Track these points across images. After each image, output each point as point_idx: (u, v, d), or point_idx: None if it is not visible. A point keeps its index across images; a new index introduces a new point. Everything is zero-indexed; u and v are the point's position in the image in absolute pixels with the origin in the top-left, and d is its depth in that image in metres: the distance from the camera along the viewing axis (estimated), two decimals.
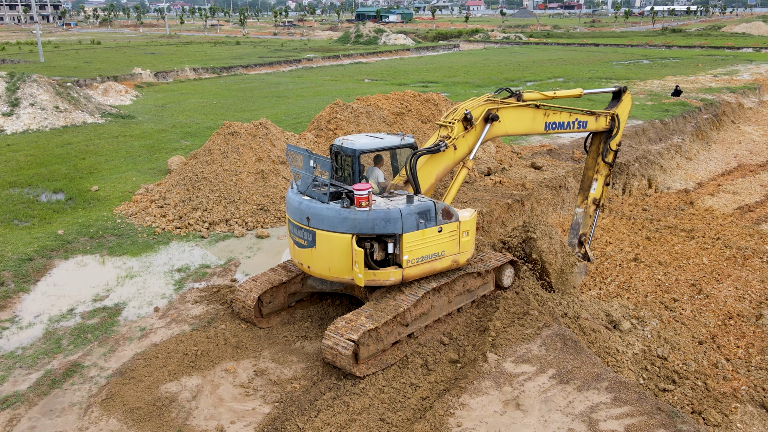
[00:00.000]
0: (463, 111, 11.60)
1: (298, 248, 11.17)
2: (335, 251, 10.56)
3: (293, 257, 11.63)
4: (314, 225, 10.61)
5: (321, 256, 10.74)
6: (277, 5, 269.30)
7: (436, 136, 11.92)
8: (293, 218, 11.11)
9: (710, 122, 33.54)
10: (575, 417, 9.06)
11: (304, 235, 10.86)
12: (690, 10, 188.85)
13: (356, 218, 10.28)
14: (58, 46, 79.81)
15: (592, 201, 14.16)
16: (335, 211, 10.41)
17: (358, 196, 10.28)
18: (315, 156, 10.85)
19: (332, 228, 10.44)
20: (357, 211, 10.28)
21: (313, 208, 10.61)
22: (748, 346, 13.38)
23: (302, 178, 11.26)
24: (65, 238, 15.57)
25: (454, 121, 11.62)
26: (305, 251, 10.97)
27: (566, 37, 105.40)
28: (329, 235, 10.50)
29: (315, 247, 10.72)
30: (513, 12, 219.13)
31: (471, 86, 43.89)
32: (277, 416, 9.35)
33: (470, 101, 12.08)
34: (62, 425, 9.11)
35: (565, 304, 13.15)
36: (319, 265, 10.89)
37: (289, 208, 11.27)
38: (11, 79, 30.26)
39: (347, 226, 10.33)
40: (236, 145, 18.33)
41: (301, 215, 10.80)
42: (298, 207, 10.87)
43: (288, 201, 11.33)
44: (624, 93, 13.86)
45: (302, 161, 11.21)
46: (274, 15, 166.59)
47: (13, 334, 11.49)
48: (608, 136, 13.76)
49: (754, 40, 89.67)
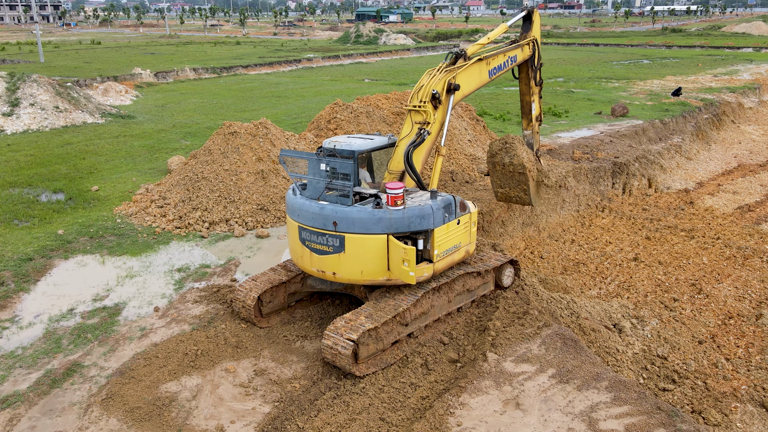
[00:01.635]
0: (431, 90, 11.30)
1: (318, 256, 10.71)
2: (369, 253, 10.38)
3: (307, 266, 11.11)
4: (343, 229, 10.29)
5: (351, 260, 10.46)
6: (277, 5, 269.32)
7: (409, 122, 11.51)
8: (310, 225, 10.63)
9: (710, 122, 33.53)
10: (575, 416, 9.07)
11: (327, 240, 10.47)
12: (690, 10, 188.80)
13: (392, 217, 10.26)
14: (58, 46, 79.82)
15: (536, 119, 15.05)
16: (368, 212, 10.23)
17: (394, 195, 10.30)
18: (329, 159, 10.53)
19: (365, 230, 10.27)
20: (392, 211, 10.26)
21: (342, 212, 10.27)
22: (748, 345, 13.38)
23: (310, 183, 10.81)
24: (65, 238, 15.58)
25: (423, 103, 11.33)
26: (329, 258, 10.59)
27: (566, 37, 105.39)
28: (362, 237, 10.29)
29: (344, 252, 10.42)
30: (513, 12, 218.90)
31: None
32: (277, 416, 9.35)
33: (427, 78, 11.59)
34: (62, 425, 9.11)
35: (565, 304, 13.15)
36: (348, 270, 10.56)
37: (301, 215, 10.75)
38: (11, 79, 30.27)
39: (382, 226, 10.27)
40: (236, 145, 18.33)
41: (325, 220, 10.39)
42: (320, 212, 10.44)
43: (298, 207, 10.80)
44: (533, 14, 14.17)
45: (308, 165, 10.84)
46: (274, 15, 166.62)
47: (14, 334, 11.50)
48: (532, 61, 14.34)
49: (754, 39, 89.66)
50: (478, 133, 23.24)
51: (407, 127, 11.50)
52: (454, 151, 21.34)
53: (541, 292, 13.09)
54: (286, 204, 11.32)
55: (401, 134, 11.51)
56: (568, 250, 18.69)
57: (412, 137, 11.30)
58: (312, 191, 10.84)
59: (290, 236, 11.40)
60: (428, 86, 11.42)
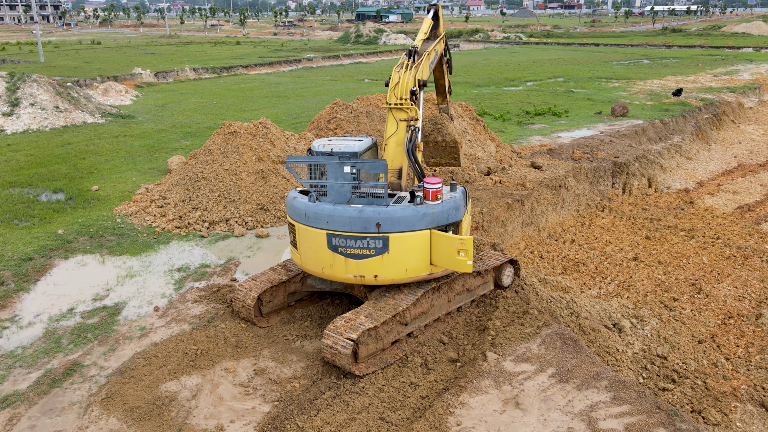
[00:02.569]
0: (409, 88, 11.44)
1: (355, 261, 10.44)
2: (412, 251, 10.41)
3: (340, 274, 10.66)
4: (387, 229, 10.20)
5: (395, 260, 10.38)
6: (277, 5, 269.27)
7: (392, 120, 11.50)
8: (346, 230, 10.30)
9: (710, 122, 33.54)
10: (575, 416, 9.07)
11: (369, 243, 10.30)
12: (690, 9, 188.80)
13: (434, 212, 10.39)
14: (58, 46, 79.83)
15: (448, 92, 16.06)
16: (412, 209, 10.27)
17: (434, 190, 10.41)
18: (354, 161, 10.30)
19: (410, 227, 10.27)
20: (433, 205, 10.39)
21: (385, 213, 10.17)
22: (748, 345, 13.38)
23: (332, 188, 10.48)
24: (65, 238, 15.58)
25: (404, 100, 11.41)
26: (370, 261, 10.40)
27: (566, 37, 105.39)
28: (406, 236, 10.27)
29: (388, 253, 10.32)
30: (513, 12, 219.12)
31: (471, 86, 43.91)
32: (276, 415, 9.35)
33: (398, 75, 11.62)
34: (62, 424, 9.12)
35: (565, 304, 13.16)
36: (392, 271, 10.48)
37: (332, 222, 10.34)
38: (11, 79, 30.28)
39: (426, 221, 10.36)
40: (236, 144, 18.34)
41: (366, 223, 10.19)
42: (359, 216, 10.20)
43: (327, 214, 10.39)
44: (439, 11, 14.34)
45: (328, 170, 10.42)
46: (274, 15, 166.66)
47: (13, 334, 11.50)
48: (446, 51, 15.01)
49: (754, 39, 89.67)
50: (478, 133, 23.24)
51: (392, 125, 11.51)
52: None
53: (541, 292, 13.10)
54: (302, 213, 10.71)
55: (387, 133, 11.51)
56: (568, 249, 18.69)
57: (401, 134, 11.36)
58: (336, 196, 10.47)
59: (311, 246, 10.77)
60: (404, 84, 11.50)
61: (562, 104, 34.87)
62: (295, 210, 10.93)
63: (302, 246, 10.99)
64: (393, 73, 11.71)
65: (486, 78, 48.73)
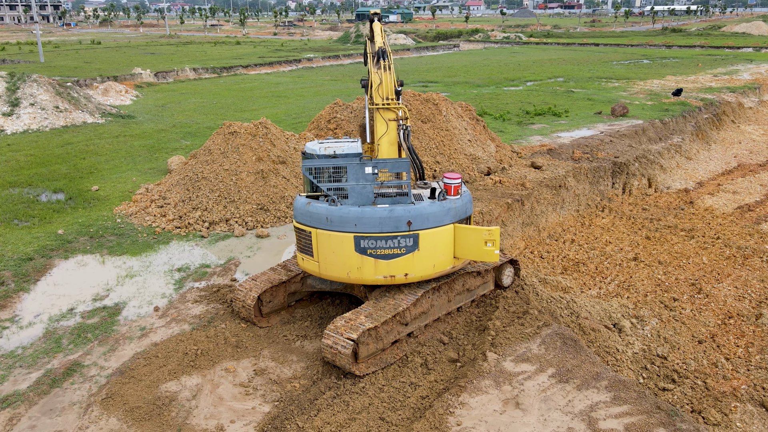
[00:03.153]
0: (393, 88, 11.68)
1: (385, 261, 10.39)
2: (440, 245, 10.61)
3: (369, 276, 10.52)
4: (418, 227, 10.30)
5: (425, 256, 10.51)
6: (277, 5, 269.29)
7: (382, 120, 11.57)
8: (377, 231, 10.25)
9: (710, 122, 33.54)
10: (575, 416, 9.07)
11: (399, 242, 10.33)
12: (690, 9, 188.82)
13: (456, 206, 10.66)
14: (58, 46, 79.83)
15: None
16: (438, 205, 10.47)
17: (456, 185, 10.68)
18: (376, 161, 10.33)
19: (438, 223, 10.47)
20: (455, 200, 10.66)
21: (415, 210, 10.26)
22: (748, 345, 13.39)
23: (353, 189, 10.37)
24: (65, 238, 15.58)
25: (391, 100, 11.62)
26: (401, 260, 10.42)
27: (566, 36, 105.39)
28: (434, 231, 10.46)
29: (418, 250, 10.41)
30: (513, 12, 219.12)
31: (471, 86, 43.90)
32: (276, 415, 9.35)
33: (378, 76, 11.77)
34: (62, 424, 9.12)
35: (565, 304, 13.16)
36: (422, 267, 10.57)
37: (361, 224, 10.18)
38: (11, 79, 30.27)
39: (451, 216, 10.61)
40: (236, 144, 18.33)
41: (397, 223, 10.21)
42: (389, 216, 10.19)
43: (355, 217, 10.20)
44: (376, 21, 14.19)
45: (348, 172, 10.32)
46: (274, 15, 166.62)
47: (14, 334, 11.50)
48: None
49: (754, 39, 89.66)
50: (478, 133, 23.24)
51: (381, 125, 11.63)
52: (454, 151, 21.33)
53: (541, 292, 13.10)
54: (322, 218, 10.41)
55: (377, 133, 11.63)
56: (568, 249, 18.70)
57: (392, 134, 11.54)
58: (359, 197, 10.40)
59: (334, 251, 10.56)
60: (387, 84, 11.72)
61: (562, 104, 34.87)
62: (312, 216, 10.56)
63: (323, 252, 10.61)
64: (372, 75, 11.89)
65: (486, 78, 48.72)
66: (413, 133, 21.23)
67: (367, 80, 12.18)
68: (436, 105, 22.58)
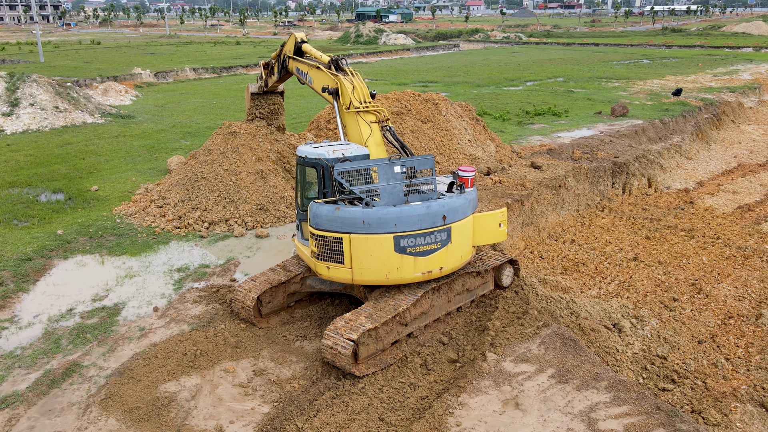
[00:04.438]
0: (367, 91, 12.01)
1: (423, 258, 10.46)
2: (465, 237, 11.08)
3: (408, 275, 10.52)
4: (450, 221, 10.64)
5: (456, 248, 10.93)
6: (277, 5, 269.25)
7: (364, 123, 11.71)
8: (416, 229, 10.25)
9: (710, 122, 33.53)
10: (574, 416, 9.06)
11: (436, 237, 10.48)
12: (690, 9, 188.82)
13: (473, 198, 11.21)
14: (58, 47, 79.81)
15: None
16: (464, 198, 10.86)
17: (471, 177, 11.15)
18: (405, 160, 10.45)
19: (464, 215, 10.91)
20: (472, 192, 11.17)
21: (448, 204, 10.60)
22: (748, 345, 13.37)
23: (384, 190, 10.30)
24: (65, 238, 15.57)
25: (368, 103, 11.86)
26: (437, 255, 10.62)
27: (566, 36, 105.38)
28: (462, 223, 10.89)
29: (450, 243, 10.76)
30: (513, 12, 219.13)
31: (471, 86, 43.89)
32: (276, 416, 9.34)
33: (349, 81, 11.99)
34: (61, 425, 9.11)
35: (565, 304, 13.15)
36: (453, 260, 10.99)
37: (401, 223, 10.15)
38: (11, 79, 30.26)
39: (471, 207, 11.10)
40: (236, 144, 18.32)
41: (434, 218, 10.37)
42: (428, 212, 10.30)
43: (395, 217, 10.15)
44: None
45: (379, 172, 10.28)
46: (274, 15, 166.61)
47: (13, 334, 11.49)
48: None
49: (754, 39, 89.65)
50: (477, 133, 23.23)
51: (365, 127, 11.74)
52: (454, 151, 21.33)
53: (541, 292, 13.09)
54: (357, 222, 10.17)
55: (363, 135, 11.72)
56: (568, 249, 18.68)
57: (377, 135, 11.74)
58: (391, 197, 10.37)
59: (372, 254, 10.31)
60: (360, 88, 12.00)
61: (562, 104, 34.86)
62: (344, 221, 10.22)
63: (359, 257, 10.36)
64: (342, 81, 12.07)
65: (486, 78, 48.71)
66: (413, 132, 21.22)
67: (331, 88, 12.30)
68: (436, 105, 22.57)
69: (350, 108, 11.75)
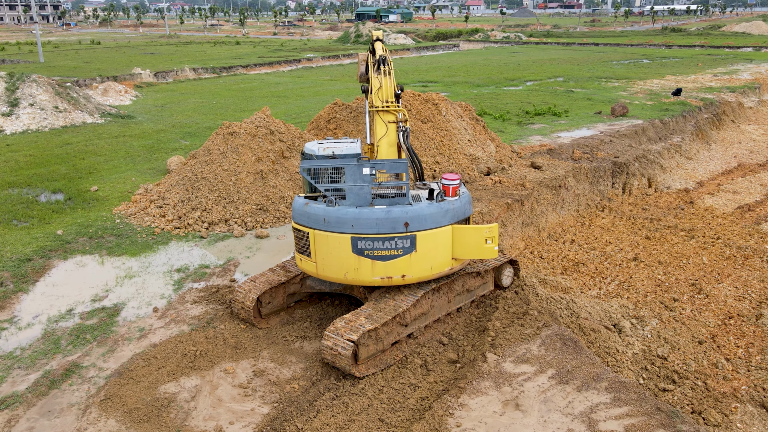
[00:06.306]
0: (393, 91, 11.79)
1: (382, 263, 10.40)
2: (439, 247, 10.60)
3: (366, 277, 10.54)
4: (415, 228, 10.28)
5: (423, 257, 10.50)
6: (277, 5, 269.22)
7: (381, 122, 11.69)
8: (374, 232, 10.25)
9: (710, 121, 33.51)
10: (575, 417, 9.04)
11: (397, 244, 10.32)
12: (690, 9, 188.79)
13: (454, 207, 10.66)
14: (57, 47, 79.79)
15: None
16: (437, 207, 10.46)
17: (454, 186, 10.69)
18: (374, 162, 10.29)
19: (436, 224, 10.46)
20: (453, 201, 10.66)
21: (413, 211, 10.25)
22: (748, 345, 13.36)
23: (351, 190, 10.37)
24: (64, 239, 15.55)
25: (390, 103, 11.74)
26: (397, 261, 10.42)
27: (566, 36, 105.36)
28: (432, 232, 10.44)
29: (415, 251, 10.40)
30: (513, 12, 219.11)
31: (471, 86, 43.87)
32: (276, 417, 9.33)
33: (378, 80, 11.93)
34: (61, 426, 9.09)
35: (565, 304, 13.13)
36: (418, 269, 10.56)
37: (358, 225, 10.19)
38: (11, 79, 30.23)
39: (449, 217, 10.60)
40: (235, 145, 18.30)
41: (394, 224, 10.21)
42: (387, 217, 10.18)
43: (352, 218, 10.21)
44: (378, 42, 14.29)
45: (346, 173, 10.33)
46: (273, 15, 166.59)
47: (12, 335, 11.47)
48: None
49: (754, 39, 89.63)
50: (477, 133, 23.21)
51: (381, 126, 11.74)
52: (454, 151, 21.31)
53: (541, 293, 13.07)
54: (319, 219, 10.40)
55: (377, 134, 11.71)
56: (568, 250, 18.67)
57: (392, 135, 11.64)
58: (356, 198, 10.40)
59: (331, 252, 10.56)
60: (387, 88, 11.86)
61: (561, 104, 34.84)
62: (309, 216, 10.58)
63: (320, 253, 10.63)
64: (372, 79, 12.03)
65: (486, 78, 48.70)
66: (413, 133, 21.21)
67: (367, 86, 12.34)
68: (436, 105, 22.55)
69: (373, 106, 11.84)
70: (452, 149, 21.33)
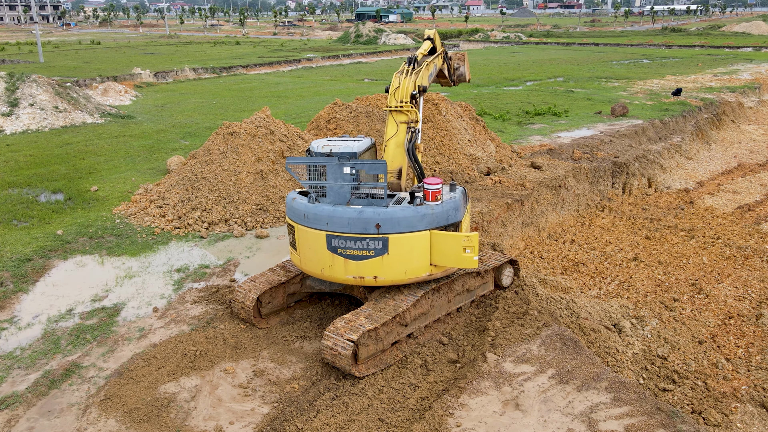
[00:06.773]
0: (410, 92, 11.72)
1: (354, 262, 10.46)
2: (414, 251, 10.45)
3: (339, 275, 10.66)
4: (387, 230, 10.23)
5: (396, 260, 10.42)
6: (277, 5, 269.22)
7: (393, 122, 11.71)
8: (346, 231, 10.31)
9: (710, 121, 33.51)
10: (575, 417, 9.04)
11: (368, 245, 10.31)
12: (690, 9, 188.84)
13: (434, 212, 10.45)
14: (57, 47, 79.79)
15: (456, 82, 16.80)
16: (412, 210, 10.32)
17: (434, 191, 10.47)
18: (354, 162, 10.29)
19: (410, 228, 10.31)
20: (433, 206, 10.45)
21: (385, 213, 10.19)
22: (748, 345, 13.36)
23: (331, 188, 10.47)
24: (64, 239, 15.55)
25: (404, 103, 11.68)
26: (370, 262, 10.41)
27: (566, 36, 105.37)
28: (406, 236, 10.31)
29: (387, 254, 10.35)
30: (513, 12, 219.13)
31: (471, 86, 43.87)
32: (276, 417, 9.33)
33: (398, 80, 11.94)
34: (61, 426, 9.09)
35: (565, 304, 13.13)
36: (391, 272, 10.50)
37: (332, 223, 10.33)
38: (11, 80, 30.24)
39: (426, 222, 10.41)
40: (235, 145, 18.30)
41: (366, 224, 10.21)
42: (359, 217, 10.20)
43: (327, 216, 10.36)
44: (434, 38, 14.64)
45: (327, 171, 10.42)
46: (273, 15, 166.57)
47: (12, 335, 11.47)
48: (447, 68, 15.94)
49: (754, 39, 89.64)
50: (477, 133, 23.21)
51: (392, 126, 11.72)
52: (454, 151, 21.30)
53: (541, 292, 13.07)
54: (301, 214, 10.73)
55: (387, 134, 11.72)
56: (568, 249, 18.67)
57: (401, 136, 11.58)
58: (336, 197, 10.48)
59: (310, 247, 10.76)
60: (405, 88, 11.77)
61: (561, 104, 34.84)
62: (294, 211, 10.91)
63: (302, 247, 10.98)
64: (393, 78, 11.99)
65: (486, 78, 48.70)
66: None
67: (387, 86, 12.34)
68: (436, 105, 22.54)
69: (387, 106, 11.88)
70: (452, 149, 21.33)
